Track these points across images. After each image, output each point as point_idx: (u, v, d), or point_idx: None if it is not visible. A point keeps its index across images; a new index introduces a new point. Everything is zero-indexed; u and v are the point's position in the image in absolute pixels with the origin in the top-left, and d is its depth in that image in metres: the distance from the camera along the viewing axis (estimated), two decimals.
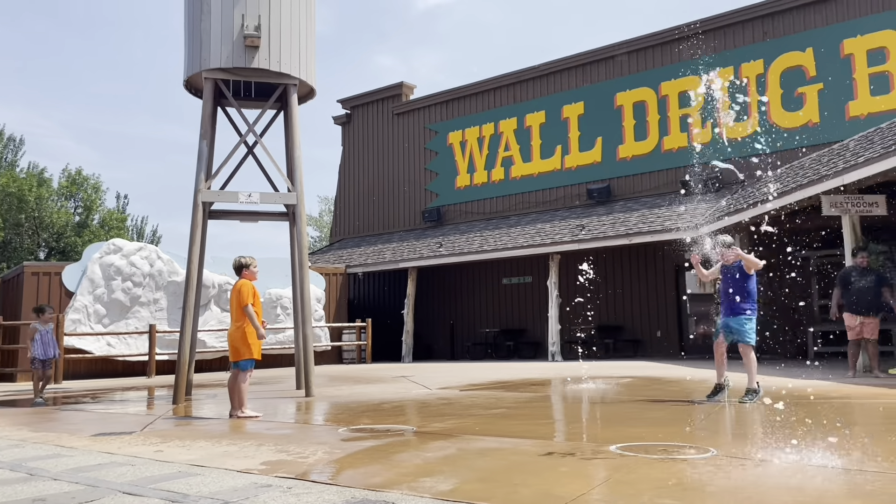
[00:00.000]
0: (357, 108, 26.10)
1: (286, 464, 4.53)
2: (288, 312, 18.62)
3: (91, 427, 6.88)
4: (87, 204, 38.06)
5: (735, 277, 7.47)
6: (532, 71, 21.69)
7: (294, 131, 10.69)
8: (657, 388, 9.35)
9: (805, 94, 16.88)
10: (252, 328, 7.41)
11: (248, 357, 7.46)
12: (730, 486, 3.63)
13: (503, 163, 21.89)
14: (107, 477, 4.28)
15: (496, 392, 9.41)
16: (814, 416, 6.18)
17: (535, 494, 3.52)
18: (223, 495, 3.70)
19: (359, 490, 3.72)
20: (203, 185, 10.13)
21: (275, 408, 8.50)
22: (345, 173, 26.27)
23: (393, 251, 21.91)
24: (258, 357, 7.57)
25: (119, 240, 17.95)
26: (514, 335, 20.81)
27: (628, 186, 19.55)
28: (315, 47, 11.01)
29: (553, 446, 5.09)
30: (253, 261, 7.80)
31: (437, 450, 4.91)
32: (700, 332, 18.50)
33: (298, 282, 10.72)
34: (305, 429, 6.76)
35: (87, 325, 16.49)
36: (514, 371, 13.72)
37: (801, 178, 12.82)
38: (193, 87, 10.91)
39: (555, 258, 18.26)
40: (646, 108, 19.35)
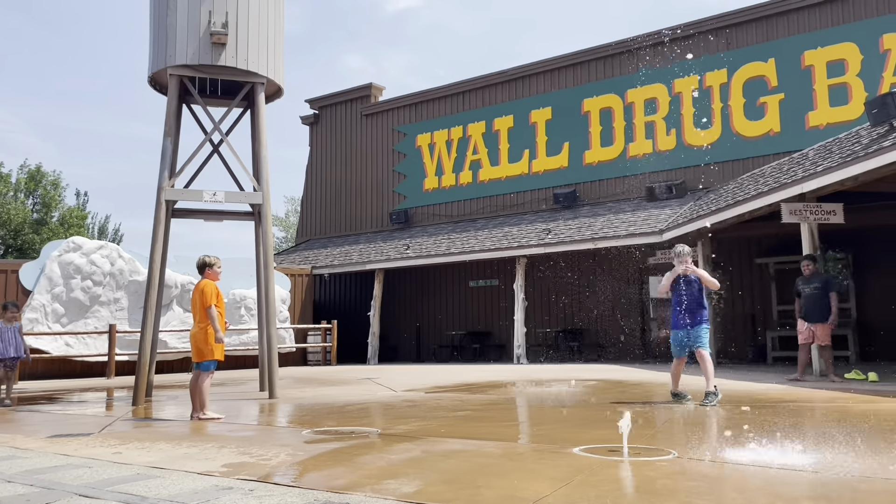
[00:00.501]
0: (325, 109, 25.95)
1: (248, 466, 4.48)
2: (252, 313, 18.41)
3: (48, 428, 6.73)
4: (45, 201, 37.20)
5: (695, 290, 7.62)
6: (501, 75, 21.81)
7: (261, 130, 10.58)
8: (620, 390, 9.45)
9: (767, 104, 17.24)
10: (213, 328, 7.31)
11: (211, 358, 7.35)
12: (690, 487, 3.68)
13: (471, 166, 21.96)
14: (63, 479, 4.18)
15: (461, 394, 9.42)
16: (768, 419, 6.31)
17: (499, 496, 3.53)
18: (183, 498, 3.64)
19: (321, 492, 3.69)
20: (167, 183, 9.97)
21: (238, 409, 8.40)
22: (312, 174, 26.09)
23: (360, 252, 21.81)
24: (221, 358, 7.47)
25: (79, 238, 17.57)
26: (480, 337, 20.86)
27: (594, 191, 19.75)
28: (283, 46, 10.92)
29: (517, 448, 5.11)
30: (217, 260, 7.70)
31: (401, 452, 4.90)
32: (663, 336, 18.77)
33: (263, 282, 10.61)
34: (268, 431, 6.69)
35: (44, 324, 16.11)
36: (479, 373, 13.76)
37: (761, 185, 13.09)
38: (158, 84, 10.74)
39: (521, 261, 18.37)
40: (612, 115, 19.57)
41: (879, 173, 10.16)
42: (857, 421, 6.10)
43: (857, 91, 15.98)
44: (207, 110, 10.74)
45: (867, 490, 3.61)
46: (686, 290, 7.64)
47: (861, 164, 10.16)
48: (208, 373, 7.37)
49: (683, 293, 7.61)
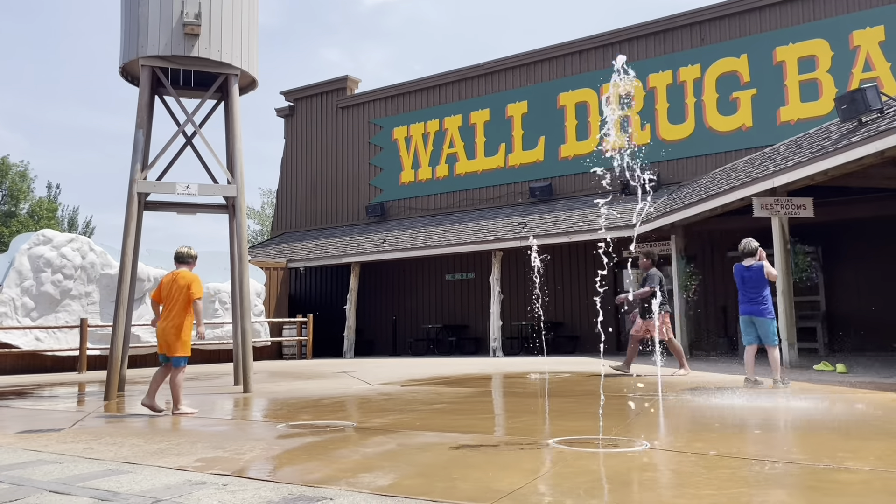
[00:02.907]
0: (301, 101, 25.76)
1: (222, 461, 4.45)
2: (226, 307, 18.27)
3: (17, 424, 6.62)
4: (13, 193, 36.54)
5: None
6: (477, 69, 21.81)
7: (235, 122, 10.48)
8: (595, 383, 9.53)
9: (739, 99, 17.44)
10: (190, 323, 7.23)
11: (184, 353, 7.24)
12: (663, 479, 3.73)
13: (448, 159, 21.95)
14: (33, 475, 4.13)
15: (437, 387, 9.45)
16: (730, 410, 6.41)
17: (475, 488, 3.56)
18: (155, 493, 3.61)
19: (296, 486, 3.68)
20: (139, 175, 9.84)
21: (212, 404, 8.34)
22: (287, 166, 25.91)
23: (336, 246, 21.73)
24: (189, 353, 7.36)
25: (49, 230, 17.27)
26: (457, 331, 20.91)
27: (569, 185, 19.86)
28: (258, 37, 10.81)
29: (493, 440, 5.14)
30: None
31: (376, 445, 4.91)
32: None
33: (237, 276, 10.53)
34: (243, 425, 6.65)
35: (13, 318, 15.83)
36: (455, 366, 13.80)
37: (733, 180, 13.25)
38: (130, 75, 10.58)
39: (497, 255, 18.43)
40: (587, 109, 19.68)
41: (848, 168, 10.35)
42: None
43: (827, 87, 16.24)
44: (180, 102, 10.60)
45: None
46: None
47: (830, 159, 10.34)
48: (180, 368, 7.23)
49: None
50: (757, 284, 8.32)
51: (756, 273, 8.36)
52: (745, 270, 8.48)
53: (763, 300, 8.30)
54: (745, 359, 8.56)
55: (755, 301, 8.32)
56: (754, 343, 8.43)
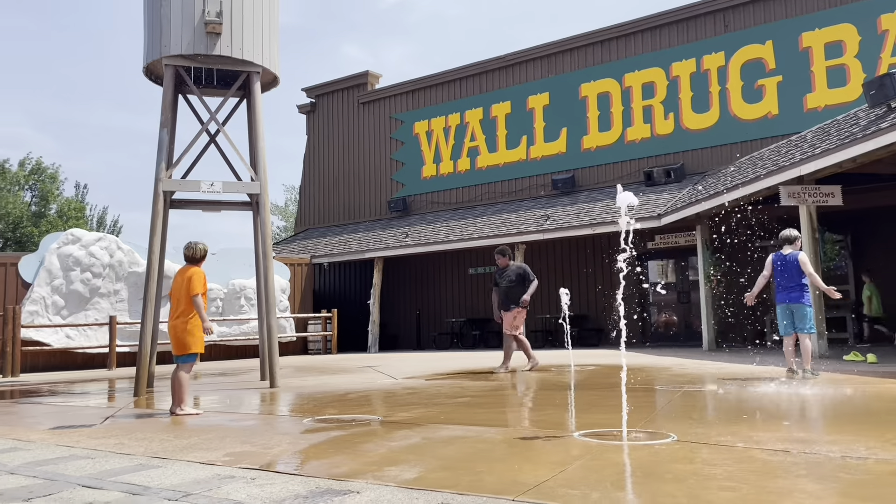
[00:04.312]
0: (322, 97, 25.87)
1: (250, 455, 4.50)
2: (252, 303, 18.43)
3: (50, 420, 6.75)
4: (43, 194, 37.19)
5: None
6: (498, 61, 21.72)
7: (257, 119, 10.55)
8: (621, 375, 9.47)
9: (765, 87, 17.19)
10: (198, 320, 6.93)
11: (194, 351, 6.96)
12: (690, 470, 3.70)
13: (469, 153, 21.92)
14: (65, 470, 4.20)
15: (462, 381, 9.46)
16: (767, 402, 6.33)
17: (500, 481, 3.55)
18: (185, 487, 3.66)
19: (323, 480, 3.71)
20: (164, 174, 9.95)
21: (239, 399, 8.43)
22: (310, 162, 26.04)
23: (359, 241, 21.81)
24: (202, 350, 7.10)
25: (77, 230, 17.56)
26: (480, 325, 20.90)
27: (592, 177, 19.73)
28: (279, 34, 10.86)
29: (518, 434, 5.13)
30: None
31: (402, 439, 4.92)
32: (662, 321, 18.82)
33: (262, 272, 10.61)
34: (270, 420, 6.71)
35: (44, 316, 16.13)
36: (479, 360, 13.81)
37: (759, 168, 13.07)
38: (154, 75, 10.69)
39: (520, 248, 18.37)
40: (610, 100, 19.51)
41: (877, 155, 10.16)
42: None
43: (855, 72, 15.93)
44: (203, 100, 10.70)
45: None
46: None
47: (859, 145, 10.15)
48: (188, 365, 6.98)
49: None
50: (795, 272, 8.26)
51: (793, 261, 8.30)
52: (784, 258, 8.40)
53: (801, 287, 8.24)
54: (784, 349, 8.44)
55: (793, 288, 8.25)
56: (792, 332, 8.32)
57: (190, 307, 6.92)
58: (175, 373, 6.96)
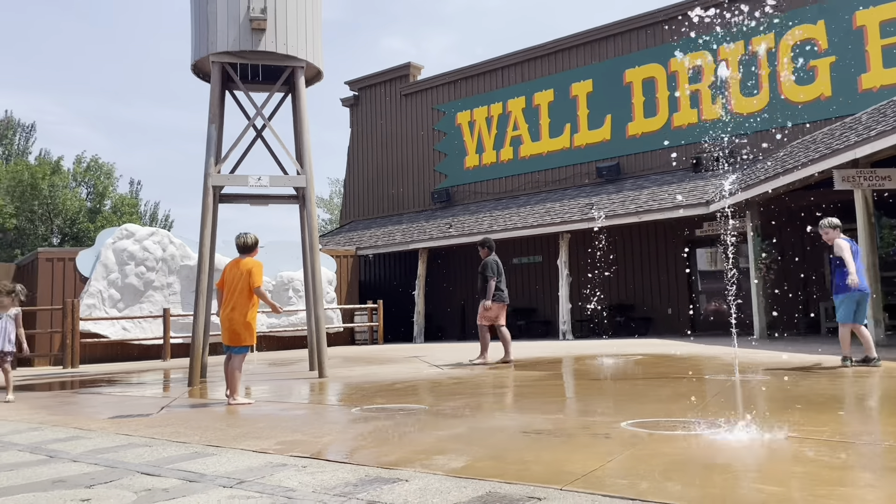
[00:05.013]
0: (365, 90, 26.02)
1: (301, 443, 4.59)
2: (300, 295, 18.73)
3: (108, 410, 6.98)
4: (99, 190, 38.31)
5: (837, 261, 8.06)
6: (540, 49, 21.53)
7: (302, 114, 10.68)
8: (669, 364, 9.36)
9: (817, 68, 16.68)
10: (255, 310, 7.02)
11: (248, 343, 7.03)
12: (741, 462, 3.65)
13: (512, 142, 21.81)
14: (125, 458, 4.35)
15: (507, 371, 9.46)
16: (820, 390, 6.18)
17: (548, 470, 3.56)
18: (239, 474, 3.75)
19: (372, 468, 3.76)
20: (213, 169, 10.16)
21: (289, 389, 8.58)
22: (353, 155, 26.26)
23: (403, 232, 21.93)
24: (255, 342, 7.18)
25: (131, 225, 18.06)
26: (525, 314, 20.84)
27: (638, 164, 19.45)
28: (322, 29, 10.96)
29: (565, 423, 5.12)
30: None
31: (448, 428, 4.96)
32: (711, 309, 18.49)
33: (309, 264, 10.76)
34: (319, 409, 6.82)
35: (101, 309, 16.66)
36: (525, 350, 13.78)
37: (812, 152, 12.71)
38: (201, 72, 10.90)
39: (565, 237, 18.24)
40: (655, 85, 19.19)
41: None
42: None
43: None
44: (250, 96, 10.88)
45: None
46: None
47: None
48: (241, 356, 7.06)
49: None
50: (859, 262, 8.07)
51: (857, 250, 8.16)
52: (857, 246, 8.21)
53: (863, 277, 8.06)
54: (841, 337, 8.16)
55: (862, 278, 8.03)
56: (853, 321, 8.06)
57: (247, 299, 6.97)
58: (229, 363, 7.07)
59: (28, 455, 4.61)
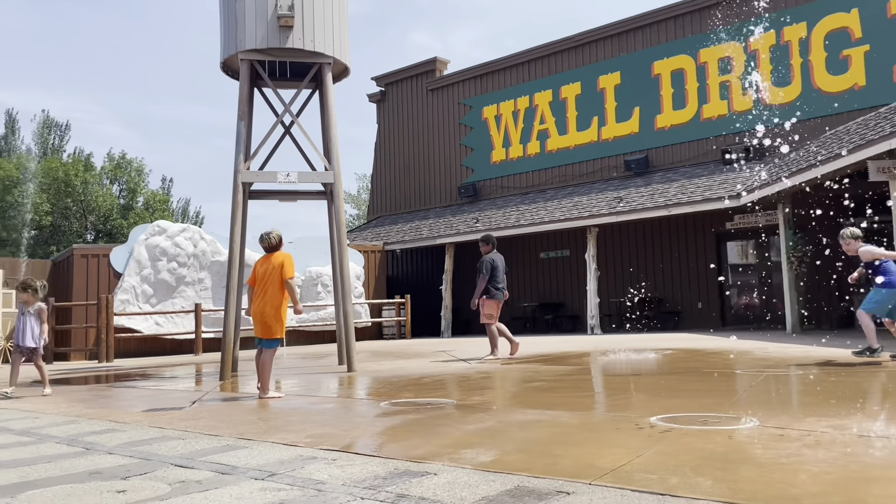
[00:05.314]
0: (391, 86, 26.07)
1: (330, 437, 4.63)
2: (328, 290, 18.87)
3: (142, 403, 7.11)
4: (131, 187, 38.92)
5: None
6: (567, 42, 21.38)
7: (329, 110, 10.75)
8: (699, 359, 9.27)
9: (850, 57, 16.34)
10: (287, 304, 7.10)
11: (279, 336, 7.07)
12: (772, 457, 3.61)
13: (539, 136, 21.71)
14: (158, 450, 4.43)
15: (535, 365, 9.44)
16: (856, 386, 6.08)
17: (576, 465, 3.55)
18: (270, 467, 3.81)
19: (401, 461, 3.79)
20: (242, 165, 10.27)
21: (318, 383, 8.67)
22: (380, 151, 26.34)
23: (430, 227, 21.97)
24: (284, 336, 7.23)
25: (163, 221, 18.34)
26: (553, 309, 20.77)
27: (667, 157, 19.24)
28: (348, 25, 11.01)
29: (593, 418, 5.10)
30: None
31: (477, 422, 4.97)
32: (742, 303, 18.25)
33: (337, 259, 10.85)
34: (348, 403, 6.88)
35: (135, 304, 16.95)
36: (553, 344, 13.74)
37: (846, 143, 12.47)
38: (230, 69, 11.02)
39: (592, 231, 18.13)
40: (684, 76, 18.96)
41: None
42: None
43: None
44: (278, 93, 10.98)
45: None
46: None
47: None
48: (272, 350, 7.11)
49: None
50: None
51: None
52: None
53: None
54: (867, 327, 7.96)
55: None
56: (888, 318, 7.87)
57: (279, 294, 7.04)
58: (260, 357, 7.14)
59: (65, 447, 4.72)
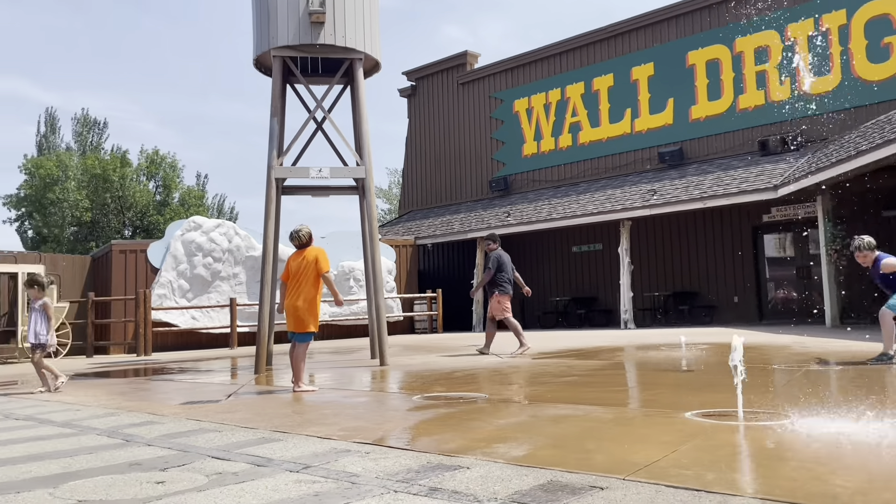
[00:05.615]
0: (422, 80, 26.08)
1: (363, 430, 4.67)
2: (361, 284, 18.98)
3: (180, 396, 7.24)
4: (166, 183, 39.56)
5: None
6: (599, 33, 21.16)
7: (361, 105, 10.79)
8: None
9: (891, 45, 15.91)
10: (320, 298, 7.21)
11: (312, 330, 7.18)
12: (811, 454, 3.55)
13: (571, 129, 21.54)
14: (196, 443, 4.51)
15: (568, 360, 9.40)
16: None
17: (610, 460, 3.53)
18: (305, 460, 3.85)
19: (434, 455, 3.81)
20: (275, 161, 10.38)
21: (351, 377, 8.73)
22: (411, 145, 26.38)
23: (461, 221, 21.96)
24: (318, 329, 7.36)
25: (199, 217, 18.61)
26: (586, 303, 20.64)
27: (702, 148, 18.96)
28: (379, 21, 11.04)
29: (626, 413, 5.07)
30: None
31: (509, 416, 4.97)
32: (780, 297, 17.94)
33: (369, 254, 10.90)
34: (381, 397, 6.92)
35: (172, 299, 17.25)
36: (585, 339, 13.66)
37: (888, 133, 12.16)
38: (263, 66, 11.12)
39: (626, 224, 17.96)
40: (720, 66, 18.64)
41: None
42: None
43: None
44: (310, 89, 11.06)
45: None
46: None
47: None
48: (306, 343, 7.22)
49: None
50: None
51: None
52: None
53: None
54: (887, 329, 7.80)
55: None
56: None
57: (313, 288, 7.17)
58: (294, 350, 7.24)
59: (106, 439, 4.83)
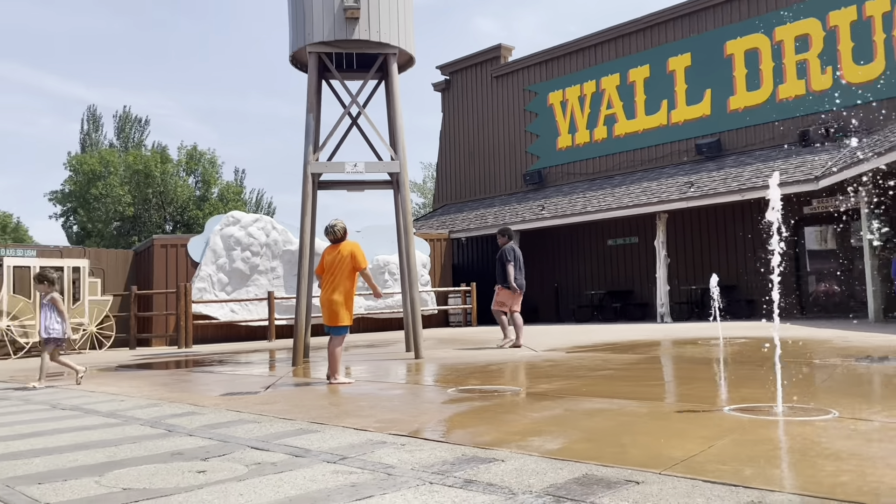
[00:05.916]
0: (455, 74, 26.06)
1: (399, 422, 4.72)
2: (395, 278, 19.09)
3: (220, 387, 7.38)
4: (205, 178, 40.21)
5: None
6: (635, 24, 20.91)
7: (395, 100, 10.84)
8: (773, 349, 8.98)
9: None
10: (353, 294, 7.27)
11: (347, 323, 7.24)
12: (851, 449, 3.49)
13: (606, 121, 21.35)
14: (236, 433, 4.61)
15: (603, 354, 9.35)
16: None
17: (646, 455, 3.52)
18: (341, 451, 3.91)
19: (469, 448, 3.83)
20: (311, 157, 10.49)
21: (386, 369, 8.81)
22: (445, 139, 26.39)
23: (495, 215, 21.93)
24: (352, 323, 7.41)
25: (237, 212, 18.89)
26: (621, 297, 20.47)
27: (740, 139, 18.64)
28: (413, 15, 11.07)
29: (663, 407, 5.03)
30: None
31: (544, 410, 4.97)
32: (821, 290, 17.58)
33: (404, 248, 10.96)
34: (416, 389, 6.97)
35: (211, 293, 17.56)
36: (621, 333, 13.55)
37: None
38: (299, 62, 11.24)
39: (662, 217, 17.75)
40: (759, 56, 18.29)
41: None
42: None
43: None
44: (345, 84, 11.15)
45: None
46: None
47: None
48: (341, 337, 7.28)
49: None
50: None
51: None
52: None
53: None
54: None
55: None
56: None
57: (347, 282, 7.23)
58: (330, 344, 7.31)
59: (149, 429, 4.96)
